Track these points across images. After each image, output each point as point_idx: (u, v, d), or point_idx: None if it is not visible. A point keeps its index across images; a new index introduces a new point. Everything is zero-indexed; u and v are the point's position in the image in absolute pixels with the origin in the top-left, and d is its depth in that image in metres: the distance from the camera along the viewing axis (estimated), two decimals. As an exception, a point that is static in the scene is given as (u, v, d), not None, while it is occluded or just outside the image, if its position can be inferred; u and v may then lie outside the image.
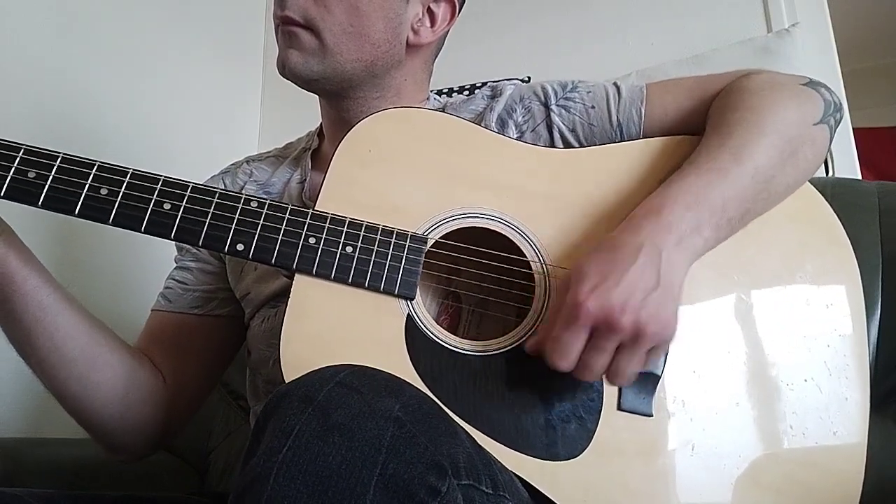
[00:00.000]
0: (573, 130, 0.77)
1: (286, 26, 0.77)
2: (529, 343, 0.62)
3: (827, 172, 1.27)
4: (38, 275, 0.67)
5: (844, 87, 1.33)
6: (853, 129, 1.36)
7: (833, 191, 0.79)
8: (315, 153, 0.90)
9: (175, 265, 0.91)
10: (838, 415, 0.65)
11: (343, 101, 0.83)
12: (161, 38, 1.58)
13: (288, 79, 0.79)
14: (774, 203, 0.68)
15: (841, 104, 0.73)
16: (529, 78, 1.51)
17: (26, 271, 0.66)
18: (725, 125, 0.67)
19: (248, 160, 0.95)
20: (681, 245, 0.60)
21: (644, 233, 0.59)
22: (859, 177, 1.33)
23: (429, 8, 0.82)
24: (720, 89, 0.73)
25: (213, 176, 0.93)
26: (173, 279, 0.89)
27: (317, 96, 0.85)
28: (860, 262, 0.71)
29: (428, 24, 0.83)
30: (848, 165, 1.31)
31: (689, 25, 1.49)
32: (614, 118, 0.76)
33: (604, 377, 0.59)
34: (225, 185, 0.90)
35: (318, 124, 0.93)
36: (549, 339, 0.58)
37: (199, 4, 1.73)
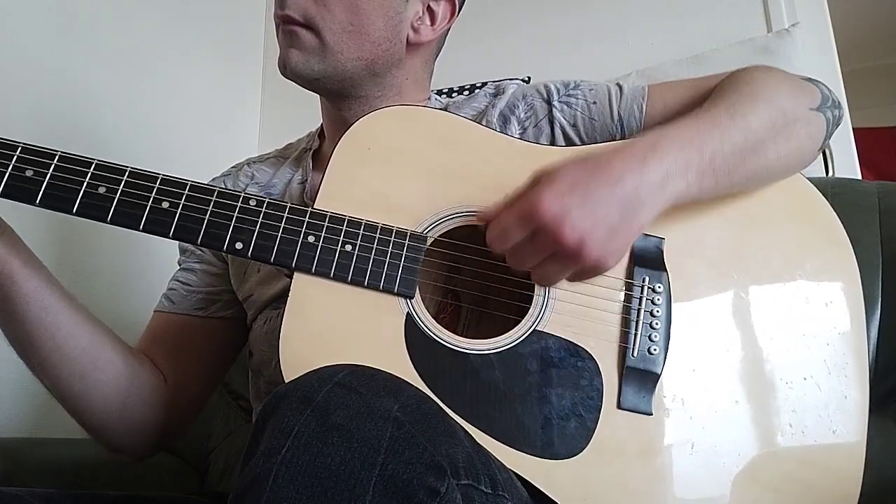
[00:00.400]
0: (574, 125, 0.77)
1: (286, 25, 0.77)
2: (481, 213, 0.64)
3: (827, 172, 1.27)
4: (40, 275, 0.67)
5: (844, 87, 1.33)
6: (853, 129, 1.36)
7: (833, 191, 0.79)
8: (316, 153, 0.89)
9: (179, 267, 0.90)
10: (837, 413, 0.65)
11: (344, 101, 0.83)
12: (161, 38, 1.58)
13: (289, 79, 0.79)
14: (766, 175, 0.69)
15: (839, 103, 0.74)
16: (529, 78, 1.51)
17: (27, 271, 0.66)
18: (721, 95, 0.70)
19: (248, 162, 0.94)
20: (663, 188, 0.60)
21: (633, 163, 0.60)
22: (859, 177, 1.33)
23: (429, 6, 0.82)
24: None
25: (214, 178, 0.93)
26: (177, 280, 0.88)
27: (317, 96, 0.86)
28: (860, 262, 0.71)
29: (428, 22, 0.83)
30: (848, 165, 1.31)
31: (689, 25, 1.49)
32: (615, 113, 0.76)
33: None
34: (226, 188, 0.90)
35: (319, 125, 0.93)
36: (497, 221, 0.60)
37: (199, 4, 1.73)
